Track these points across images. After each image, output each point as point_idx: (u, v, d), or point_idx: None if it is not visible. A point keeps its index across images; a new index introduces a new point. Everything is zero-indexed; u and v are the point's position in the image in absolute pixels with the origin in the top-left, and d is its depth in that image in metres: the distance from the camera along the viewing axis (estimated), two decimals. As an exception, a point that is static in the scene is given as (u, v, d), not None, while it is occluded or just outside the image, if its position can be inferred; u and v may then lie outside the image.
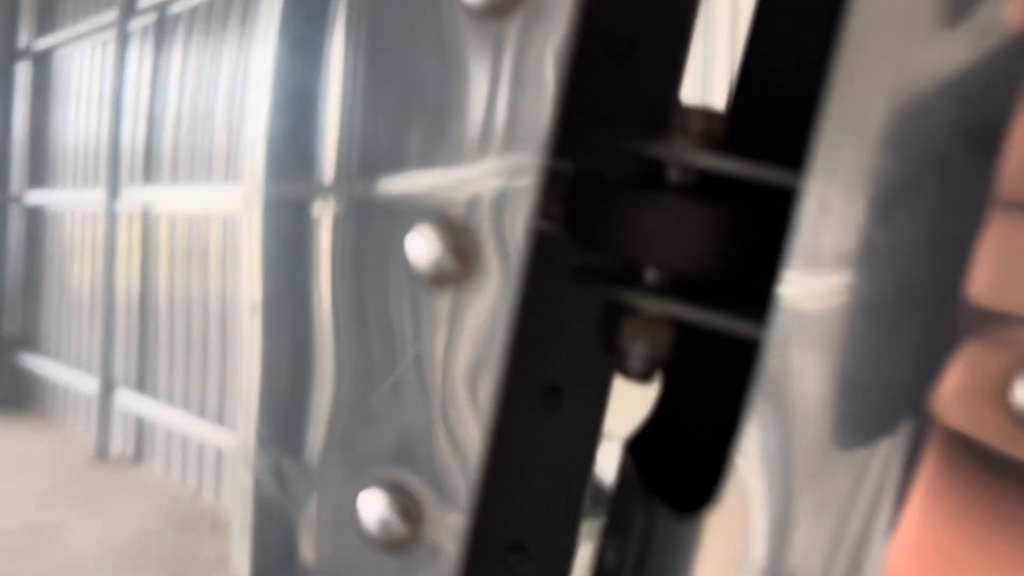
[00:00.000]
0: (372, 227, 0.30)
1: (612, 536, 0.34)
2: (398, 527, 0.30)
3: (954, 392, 0.26)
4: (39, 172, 2.48)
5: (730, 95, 0.38)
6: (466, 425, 0.29)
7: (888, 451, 0.28)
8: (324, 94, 0.29)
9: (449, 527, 0.30)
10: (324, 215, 0.30)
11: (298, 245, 0.30)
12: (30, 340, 2.06)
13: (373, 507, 0.30)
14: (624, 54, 0.41)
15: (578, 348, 0.42)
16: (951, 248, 0.27)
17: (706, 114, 0.32)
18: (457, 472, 0.29)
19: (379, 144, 0.29)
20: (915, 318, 0.27)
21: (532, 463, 0.46)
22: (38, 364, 1.97)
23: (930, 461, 0.27)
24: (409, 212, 0.29)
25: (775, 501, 0.29)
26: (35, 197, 2.71)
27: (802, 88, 0.30)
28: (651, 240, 0.32)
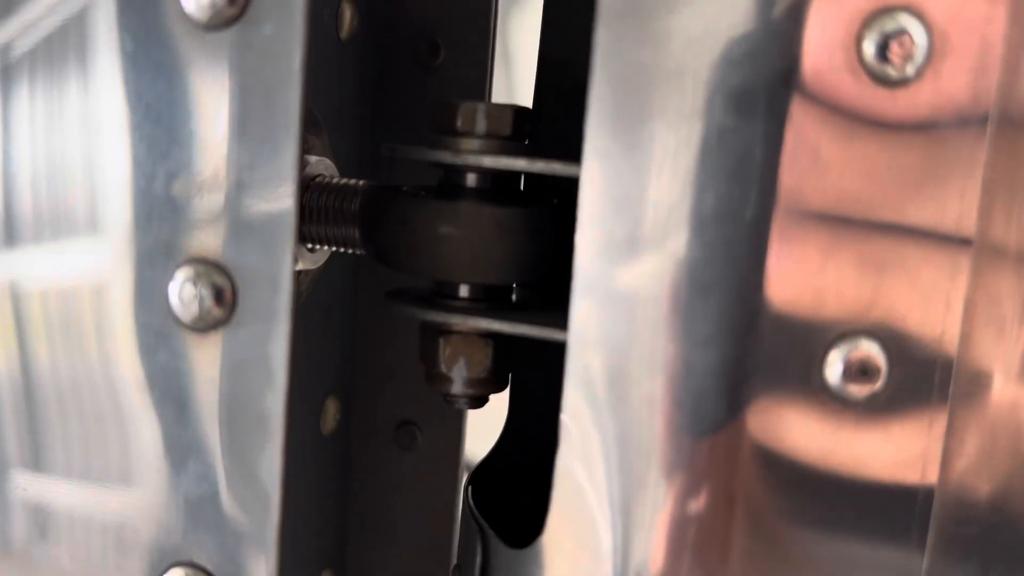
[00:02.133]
0: (140, 277, 0.27)
1: (457, 577, 0.32)
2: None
3: None
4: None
5: (535, 90, 0.36)
6: (252, 488, 0.26)
7: (708, 444, 0.26)
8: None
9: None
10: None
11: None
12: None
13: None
14: (428, 58, 0.39)
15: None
16: (741, 226, 0.25)
17: (490, 112, 0.29)
18: (254, 536, 0.26)
19: (140, 183, 0.26)
20: (711, 304, 0.25)
21: (395, 505, 0.43)
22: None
23: (747, 455, 0.25)
24: (169, 255, 0.26)
25: (610, 515, 0.27)
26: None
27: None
28: (448, 252, 0.29)
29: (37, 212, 0.28)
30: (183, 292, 0.26)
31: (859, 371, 0.25)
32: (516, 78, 0.42)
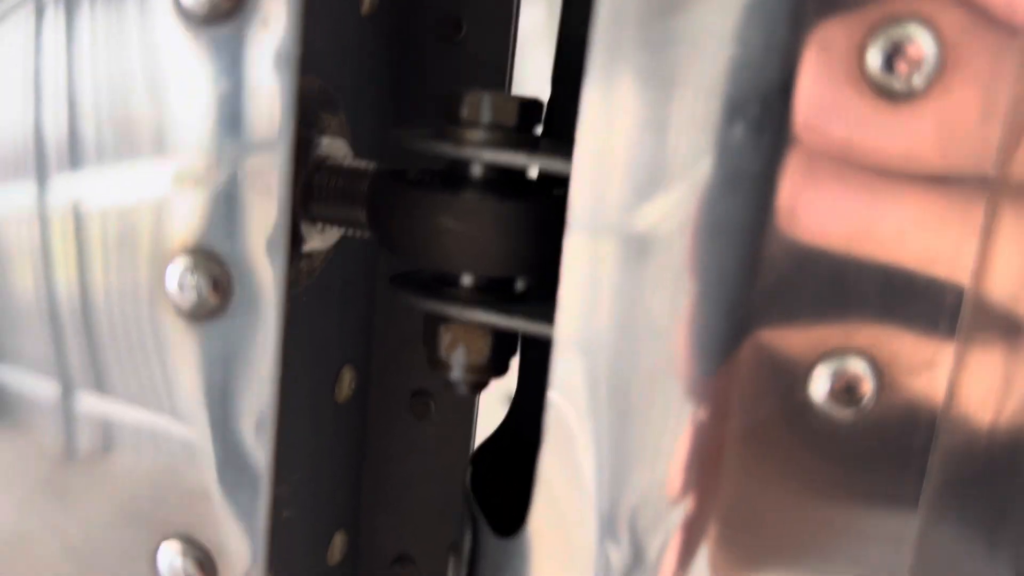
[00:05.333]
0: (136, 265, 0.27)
1: (452, 556, 0.32)
2: (194, 578, 0.28)
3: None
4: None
5: (554, 69, 0.35)
6: (250, 473, 0.27)
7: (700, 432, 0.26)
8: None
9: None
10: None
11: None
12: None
13: (169, 561, 0.28)
14: (450, 33, 0.39)
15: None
16: (734, 233, 0.24)
17: (495, 102, 0.29)
18: (244, 520, 0.27)
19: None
20: (709, 308, 0.24)
21: (408, 471, 0.44)
22: None
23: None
24: (165, 243, 0.27)
25: (598, 502, 0.27)
26: None
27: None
28: (447, 244, 0.29)
29: (99, 131, 0.29)
30: (183, 280, 0.26)
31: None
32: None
